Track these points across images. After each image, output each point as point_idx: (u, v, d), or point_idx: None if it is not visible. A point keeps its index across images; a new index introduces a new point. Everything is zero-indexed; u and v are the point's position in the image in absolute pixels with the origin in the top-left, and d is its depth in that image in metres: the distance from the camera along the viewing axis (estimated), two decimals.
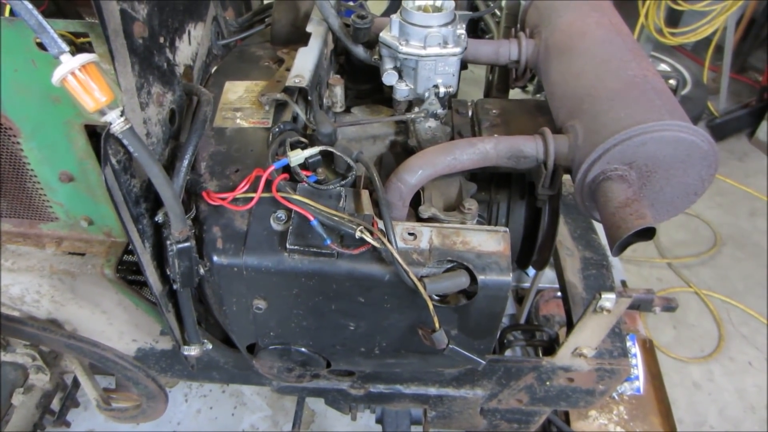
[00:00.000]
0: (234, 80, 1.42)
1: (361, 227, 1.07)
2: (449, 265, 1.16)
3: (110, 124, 0.99)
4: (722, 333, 3.38)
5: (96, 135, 1.22)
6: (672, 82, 3.14)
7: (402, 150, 1.47)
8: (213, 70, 1.47)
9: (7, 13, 1.31)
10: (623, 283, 2.64)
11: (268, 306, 1.23)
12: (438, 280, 1.13)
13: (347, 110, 1.57)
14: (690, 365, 3.26)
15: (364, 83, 1.57)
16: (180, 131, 1.31)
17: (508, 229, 1.20)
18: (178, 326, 1.41)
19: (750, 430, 2.99)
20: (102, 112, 0.97)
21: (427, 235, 1.18)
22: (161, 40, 1.20)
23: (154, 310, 1.53)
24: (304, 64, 1.27)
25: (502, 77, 1.68)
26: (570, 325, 1.71)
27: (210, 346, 1.46)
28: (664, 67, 4.45)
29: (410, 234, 1.18)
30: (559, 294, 2.49)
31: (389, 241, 1.09)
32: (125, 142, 1.01)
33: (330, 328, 1.28)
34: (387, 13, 1.72)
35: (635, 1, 4.02)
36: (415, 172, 1.20)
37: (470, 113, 1.56)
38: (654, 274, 3.72)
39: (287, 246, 1.12)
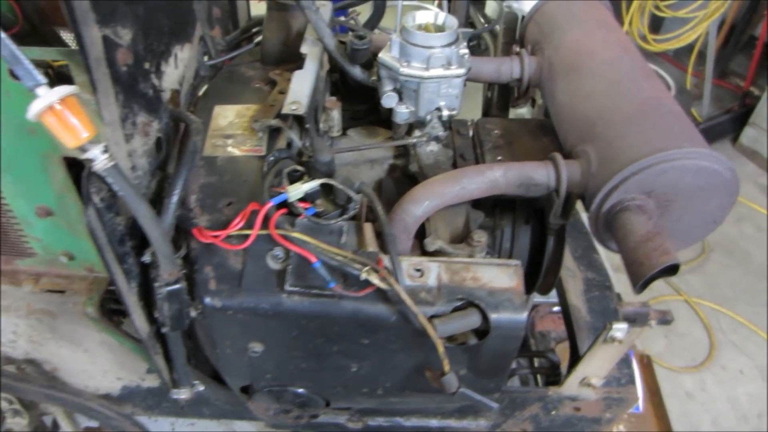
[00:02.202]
0: (224, 104, 1.34)
1: (367, 268, 1.00)
2: (459, 303, 1.09)
3: (92, 161, 0.90)
4: (713, 341, 3.37)
5: (77, 165, 1.13)
6: None
7: (402, 175, 1.40)
8: (201, 93, 1.39)
9: None
10: (618, 296, 2.60)
11: (264, 349, 1.15)
12: (448, 320, 1.06)
13: (343, 132, 1.50)
14: (682, 375, 3.24)
15: (360, 104, 1.49)
16: (167, 160, 1.23)
17: (519, 263, 1.14)
18: (167, 367, 1.32)
19: None
20: (83, 149, 0.89)
21: (435, 272, 1.11)
22: (146, 65, 1.11)
23: (140, 348, 1.43)
24: (300, 89, 1.19)
25: (502, 95, 1.62)
26: (574, 350, 1.65)
27: (201, 388, 1.38)
28: None
29: (417, 270, 1.11)
30: (554, 309, 2.44)
31: (397, 281, 1.02)
32: (109, 180, 0.93)
33: (331, 369, 1.20)
34: (371, 19, 1.64)
35: (619, 8, 4.01)
36: (420, 204, 1.13)
37: (471, 133, 1.50)
38: None
39: (286, 287, 1.04)
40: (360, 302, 1.05)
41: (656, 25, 4.37)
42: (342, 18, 1.77)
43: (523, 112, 2.10)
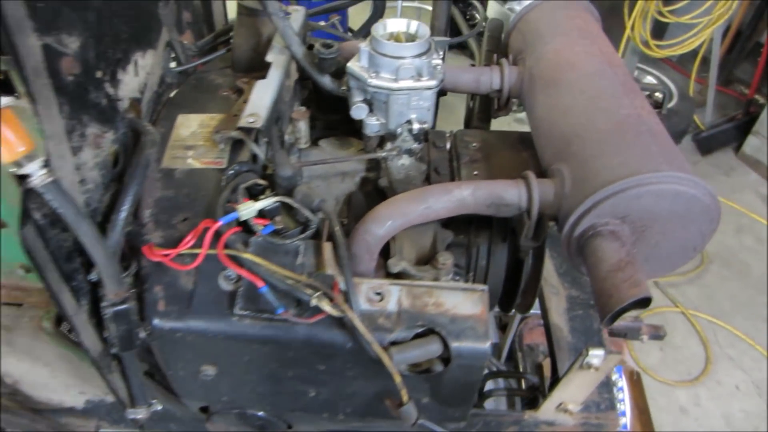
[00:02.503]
0: (188, 113, 1.28)
1: (317, 294, 0.94)
2: (420, 330, 1.03)
3: (29, 177, 0.85)
4: (709, 355, 3.30)
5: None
6: (658, 95, 3.06)
7: (373, 189, 1.34)
8: (166, 101, 1.33)
9: None
10: None
11: (218, 372, 1.10)
12: (406, 349, 1.00)
13: (315, 143, 1.44)
14: (677, 389, 3.17)
15: (334, 113, 1.44)
16: (125, 173, 1.17)
17: (486, 288, 1.08)
18: (125, 386, 1.27)
19: None
20: (19, 164, 0.84)
21: (395, 296, 1.05)
22: (99, 74, 1.06)
23: None
24: (260, 100, 1.13)
25: (483, 106, 1.56)
26: (554, 373, 1.59)
27: (159, 407, 1.32)
28: (650, 79, 4.37)
29: (377, 294, 1.05)
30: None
31: (350, 307, 0.96)
32: (47, 197, 0.88)
33: (288, 393, 1.15)
34: (370, 20, 1.59)
35: (621, 14, 3.93)
36: (383, 223, 1.07)
37: (448, 145, 1.44)
38: None
39: (236, 310, 0.99)
40: (313, 328, 1.00)
41: (660, 30, 4.29)
42: (322, 23, 1.71)
43: (522, 116, 2.01)
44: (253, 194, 1.17)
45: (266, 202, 1.02)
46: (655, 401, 3.08)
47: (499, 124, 1.56)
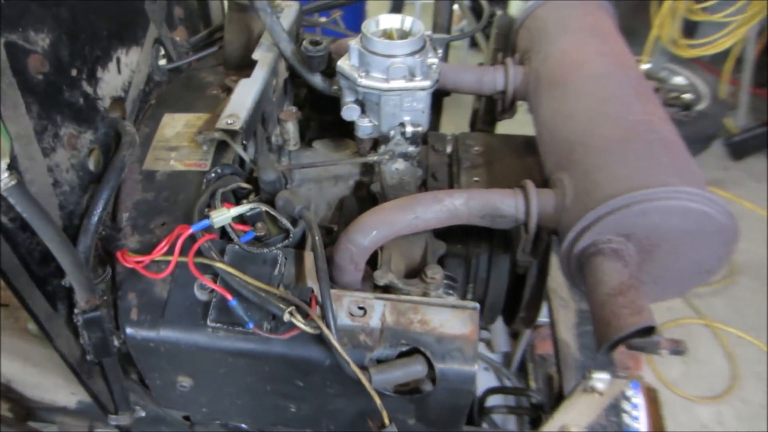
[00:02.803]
0: (174, 112, 1.24)
1: (290, 308, 0.88)
2: (404, 348, 0.96)
3: None
4: (735, 371, 3.14)
5: None
6: (686, 96, 2.91)
7: (366, 194, 1.28)
8: (153, 100, 1.29)
9: None
10: None
11: (194, 383, 1.05)
12: (387, 369, 0.94)
13: (309, 143, 1.38)
14: (699, 406, 3.03)
15: (329, 113, 1.37)
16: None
17: (477, 307, 1.01)
18: (108, 390, 1.23)
19: None
20: None
21: (379, 311, 0.98)
22: (73, 72, 1.02)
23: None
24: (241, 101, 1.08)
25: (488, 107, 1.48)
26: (560, 393, 1.51)
27: (143, 414, 1.28)
28: (679, 80, 4.19)
29: (360, 308, 0.99)
30: None
31: (327, 325, 0.90)
32: (11, 200, 0.83)
33: (269, 408, 1.10)
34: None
35: (648, 12, 3.78)
36: (367, 234, 1.01)
37: (449, 149, 1.37)
38: (663, 303, 3.48)
39: (208, 322, 0.94)
40: (290, 343, 0.94)
41: (690, 28, 4.11)
42: (323, 19, 1.65)
43: None
44: (238, 198, 1.12)
45: (241, 208, 0.97)
46: (675, 418, 2.95)
47: (517, 125, 1.47)
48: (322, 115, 1.38)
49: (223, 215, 0.95)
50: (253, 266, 0.97)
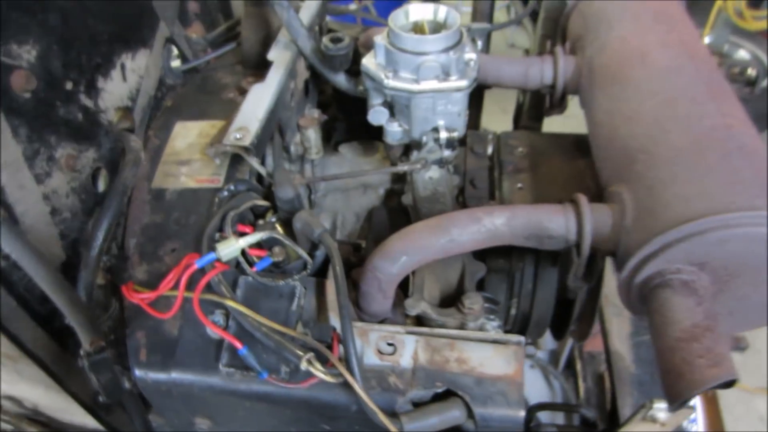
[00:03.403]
0: (187, 119, 1.14)
1: (308, 356, 0.78)
2: (439, 390, 0.85)
3: None
4: None
5: None
6: (751, 71, 2.64)
7: (398, 204, 1.16)
8: (166, 107, 1.19)
9: None
10: None
11: (213, 424, 0.97)
12: (421, 416, 0.83)
13: (335, 147, 1.27)
14: (756, 397, 2.85)
15: (357, 114, 1.25)
16: None
17: (522, 340, 0.88)
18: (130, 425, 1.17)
19: None
20: None
21: (410, 348, 0.87)
22: (68, 85, 0.92)
23: None
24: (252, 110, 0.96)
25: (534, 102, 1.33)
26: (614, 411, 1.38)
27: None
28: (743, 54, 3.85)
29: (389, 345, 0.88)
30: None
31: (350, 370, 0.79)
32: None
33: None
34: None
35: None
36: (396, 260, 0.89)
37: (490, 150, 1.23)
38: None
39: (220, 366, 0.85)
40: (311, 389, 0.84)
41: None
42: (353, 6, 1.51)
43: None
44: (255, 216, 1.02)
45: (251, 238, 0.86)
46: (731, 410, 2.77)
47: (566, 119, 1.31)
48: (349, 116, 1.25)
49: (230, 247, 0.84)
50: (268, 301, 0.87)
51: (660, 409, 1.06)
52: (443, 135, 1.02)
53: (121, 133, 1.03)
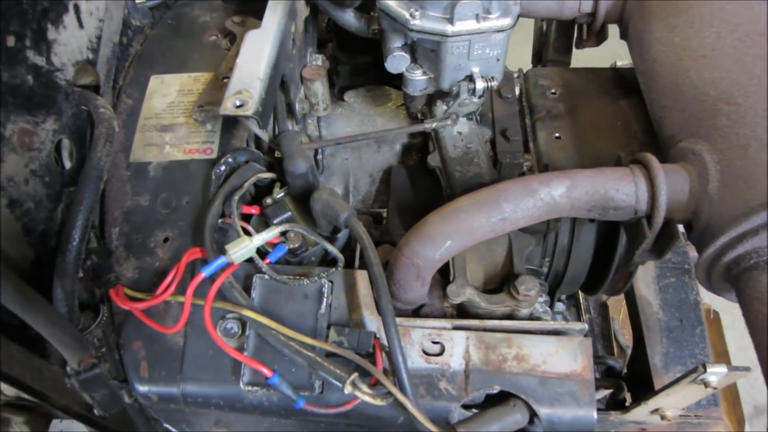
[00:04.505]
0: (163, 72, 0.93)
1: (351, 378, 0.65)
2: (496, 391, 0.75)
3: None
4: None
5: None
6: None
7: (419, 162, 1.01)
8: (134, 55, 0.97)
9: None
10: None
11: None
12: (479, 424, 0.72)
13: (339, 95, 1.09)
14: None
15: (363, 54, 1.05)
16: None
17: (585, 328, 0.77)
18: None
19: None
20: None
21: (461, 347, 0.75)
22: (10, 41, 0.71)
23: None
24: (251, 67, 0.77)
25: (563, 30, 1.15)
26: (641, 358, 1.31)
27: None
28: None
29: (434, 343, 0.76)
30: None
31: (402, 388, 0.67)
32: None
33: None
34: None
35: None
36: (439, 245, 0.75)
37: (518, 91, 1.07)
38: None
39: (242, 385, 0.71)
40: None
41: None
42: None
43: None
44: (260, 192, 0.86)
45: (266, 235, 0.71)
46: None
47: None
48: (352, 58, 1.06)
49: (244, 248, 0.69)
50: (291, 303, 0.73)
51: (713, 373, 0.99)
52: (480, 85, 0.85)
53: (84, 95, 0.83)
